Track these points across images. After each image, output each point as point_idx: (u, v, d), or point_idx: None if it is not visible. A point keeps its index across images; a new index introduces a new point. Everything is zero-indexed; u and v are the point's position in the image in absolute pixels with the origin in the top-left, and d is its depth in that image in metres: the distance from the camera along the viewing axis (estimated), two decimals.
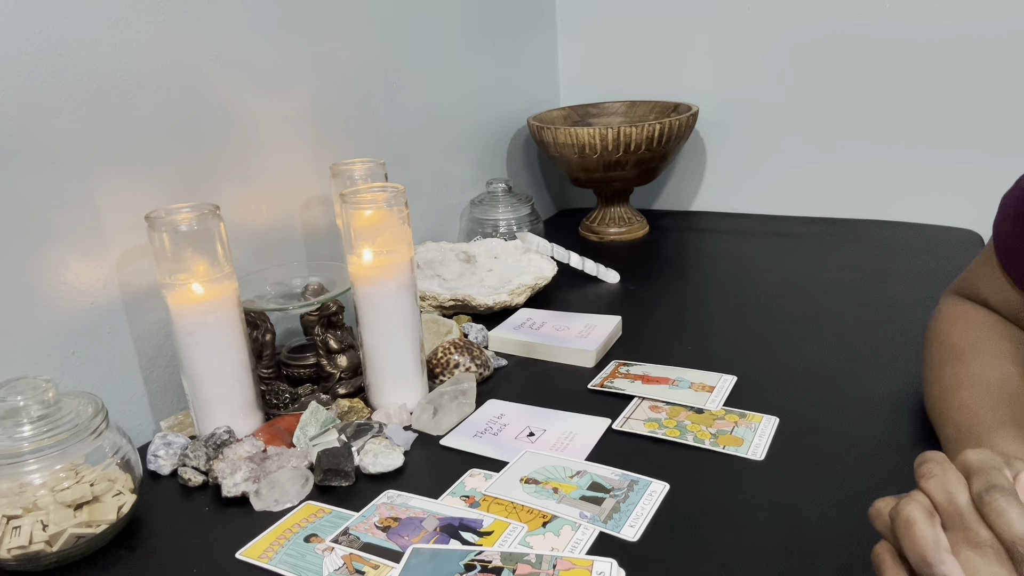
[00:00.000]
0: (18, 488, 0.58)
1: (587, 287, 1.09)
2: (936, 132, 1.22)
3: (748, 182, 1.39)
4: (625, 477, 0.65)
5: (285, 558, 0.58)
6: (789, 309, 0.96)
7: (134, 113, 0.75)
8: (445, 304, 0.99)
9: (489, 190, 1.24)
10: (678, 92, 1.38)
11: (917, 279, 1.02)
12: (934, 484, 0.42)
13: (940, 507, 0.42)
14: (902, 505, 0.42)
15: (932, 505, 0.42)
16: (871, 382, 0.77)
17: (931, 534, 0.40)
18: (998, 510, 0.40)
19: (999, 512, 0.40)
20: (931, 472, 0.43)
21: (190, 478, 0.69)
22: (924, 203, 1.26)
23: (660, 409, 0.75)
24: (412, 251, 0.76)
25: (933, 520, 0.41)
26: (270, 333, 0.81)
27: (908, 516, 0.41)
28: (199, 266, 0.70)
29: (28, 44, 0.67)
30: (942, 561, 0.39)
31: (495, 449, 0.71)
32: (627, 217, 1.31)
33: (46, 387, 0.60)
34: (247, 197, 0.89)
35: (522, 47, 1.38)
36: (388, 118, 1.08)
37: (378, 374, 0.78)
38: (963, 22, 1.16)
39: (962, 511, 0.41)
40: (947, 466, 0.43)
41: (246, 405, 0.75)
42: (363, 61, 1.02)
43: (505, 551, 0.57)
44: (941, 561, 0.39)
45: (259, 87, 0.88)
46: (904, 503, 0.42)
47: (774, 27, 1.28)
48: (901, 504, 0.42)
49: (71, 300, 0.72)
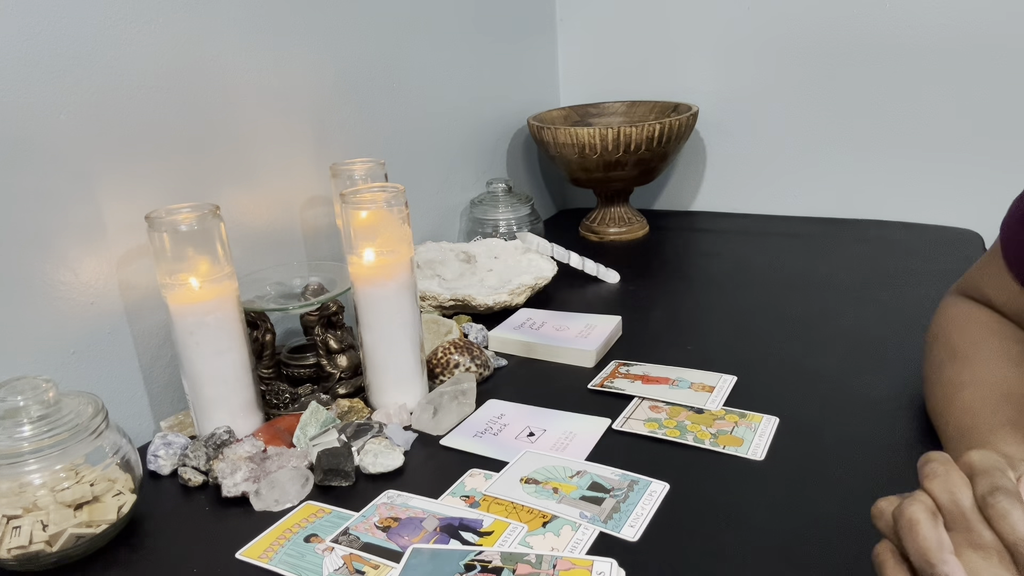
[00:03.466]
0: (18, 488, 0.58)
1: (587, 287, 1.09)
2: (936, 132, 1.22)
3: (748, 182, 1.39)
4: (625, 477, 0.65)
5: (285, 558, 0.58)
6: (789, 309, 0.96)
7: (134, 113, 0.75)
8: (445, 304, 0.99)
9: (489, 190, 1.24)
10: (678, 92, 1.38)
11: (917, 279, 1.02)
12: (938, 484, 0.42)
13: (943, 508, 0.42)
14: (905, 505, 0.42)
15: (935, 505, 0.42)
16: (871, 382, 0.77)
17: (934, 535, 0.40)
18: (1001, 512, 0.39)
19: (1002, 514, 0.39)
20: (935, 472, 0.43)
21: (190, 478, 0.69)
22: (924, 203, 1.26)
23: (660, 409, 0.75)
24: (412, 251, 0.76)
25: (936, 521, 0.41)
26: (270, 333, 0.81)
27: (911, 516, 0.41)
28: (199, 266, 0.70)
29: (28, 44, 0.67)
30: (944, 562, 0.39)
31: (495, 449, 0.71)
32: (627, 217, 1.31)
33: (46, 387, 0.60)
34: (247, 197, 0.89)
35: (522, 47, 1.38)
36: (388, 118, 1.08)
37: (378, 374, 0.78)
38: (963, 22, 1.16)
39: (965, 512, 0.41)
40: (951, 466, 0.43)
41: (246, 405, 0.75)
42: (363, 61, 1.02)
43: (505, 551, 0.57)
44: (944, 562, 0.39)
45: (259, 87, 0.88)
46: (907, 503, 0.42)
47: (774, 27, 1.28)
48: (904, 504, 0.42)
49: (71, 300, 0.72)
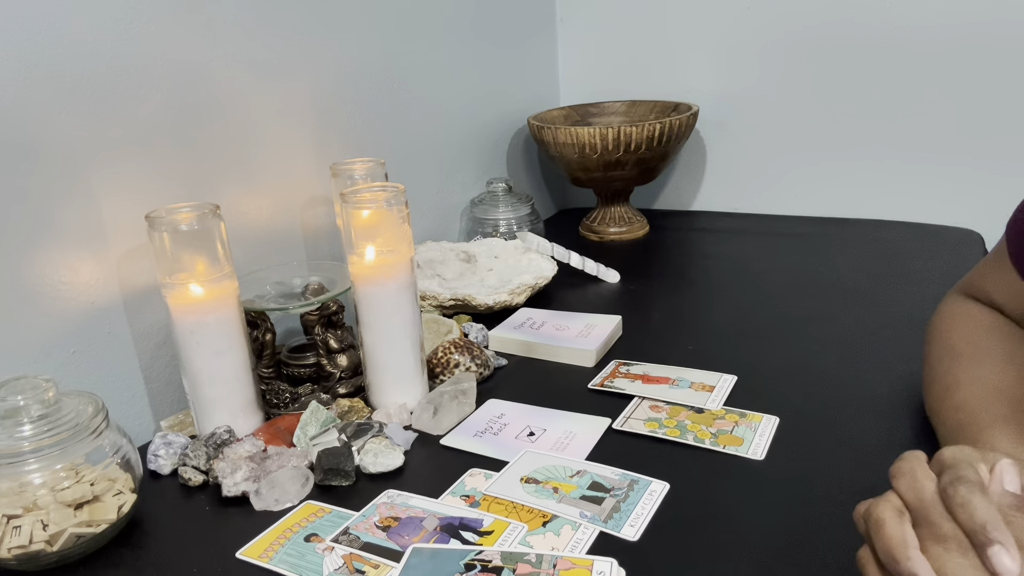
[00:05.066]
0: (18, 488, 0.58)
1: (587, 287, 1.09)
2: (936, 132, 1.22)
3: (748, 182, 1.39)
4: (625, 477, 0.65)
5: (285, 558, 0.58)
6: (789, 309, 0.96)
7: (134, 113, 0.75)
8: (445, 304, 0.99)
9: (489, 190, 1.24)
10: (678, 92, 1.38)
11: (917, 279, 1.02)
12: (903, 482, 0.43)
13: (909, 504, 0.42)
14: (873, 506, 0.43)
15: (903, 503, 0.42)
16: (871, 382, 0.77)
17: (899, 532, 0.40)
18: (960, 501, 0.40)
19: (961, 503, 0.40)
20: (900, 471, 0.43)
21: (190, 478, 0.69)
22: (924, 203, 1.26)
23: (660, 409, 0.75)
24: (412, 251, 0.76)
25: (902, 518, 0.41)
26: (270, 333, 0.81)
27: (877, 516, 0.42)
28: (199, 266, 0.70)
29: (28, 44, 0.67)
30: (908, 558, 0.39)
31: (495, 449, 0.71)
32: (627, 217, 1.31)
33: (46, 387, 0.60)
34: (247, 197, 0.89)
35: (522, 47, 1.38)
36: (388, 118, 1.08)
37: (378, 374, 0.78)
38: (963, 22, 1.15)
39: (927, 506, 0.41)
40: (916, 464, 0.43)
41: (246, 405, 0.75)
42: (363, 61, 1.02)
43: (505, 551, 0.57)
44: (907, 558, 0.39)
45: (260, 87, 0.88)
46: (875, 503, 0.43)
47: (774, 26, 1.28)
48: (872, 505, 0.43)
49: (71, 300, 0.72)
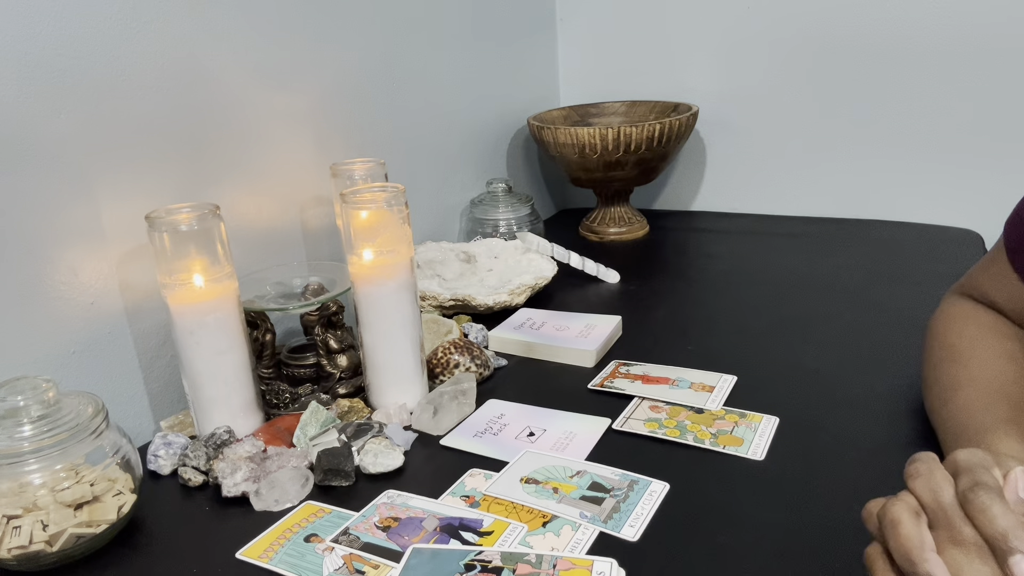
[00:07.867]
0: (18, 488, 0.58)
1: (587, 287, 1.09)
2: (936, 132, 1.22)
3: (748, 182, 1.39)
4: (625, 477, 0.65)
5: (285, 558, 0.58)
6: (789, 309, 0.96)
7: (134, 113, 0.75)
8: (445, 304, 0.99)
9: (489, 190, 1.24)
10: (678, 92, 1.38)
11: (917, 279, 1.02)
12: (920, 483, 0.43)
13: (926, 506, 0.42)
14: (888, 505, 0.42)
15: (919, 505, 0.42)
16: (871, 382, 0.77)
17: (916, 533, 0.40)
18: (980, 507, 0.39)
19: (981, 509, 0.39)
20: (918, 472, 0.43)
21: (190, 478, 0.69)
22: (924, 203, 1.26)
23: (660, 409, 0.75)
24: (412, 251, 0.76)
25: (919, 520, 0.41)
26: (270, 333, 0.81)
27: (894, 516, 0.41)
28: (199, 266, 0.70)
29: (28, 44, 0.67)
30: (926, 560, 0.39)
31: (495, 449, 0.71)
32: (627, 217, 1.31)
33: (46, 387, 0.60)
34: (247, 197, 0.89)
35: (522, 47, 1.38)
36: (388, 118, 1.08)
37: (378, 374, 0.78)
38: (963, 22, 1.16)
39: (946, 509, 0.41)
40: (934, 465, 0.43)
41: (246, 405, 0.75)
42: (363, 61, 1.02)
43: (505, 551, 0.57)
44: (925, 560, 0.39)
45: (259, 87, 0.88)
46: (890, 503, 0.42)
47: (774, 27, 1.28)
48: (887, 504, 0.43)
49: (71, 300, 0.72)
